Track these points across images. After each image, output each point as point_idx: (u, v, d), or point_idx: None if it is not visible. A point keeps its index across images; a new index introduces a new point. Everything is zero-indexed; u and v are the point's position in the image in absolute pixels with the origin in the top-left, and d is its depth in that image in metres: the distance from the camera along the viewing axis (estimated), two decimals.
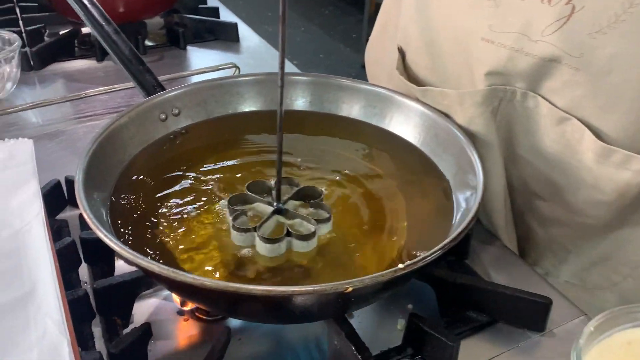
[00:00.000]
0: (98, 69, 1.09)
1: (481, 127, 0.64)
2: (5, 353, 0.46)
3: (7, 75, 0.93)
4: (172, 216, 0.58)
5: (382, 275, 0.42)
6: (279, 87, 0.47)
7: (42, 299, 0.51)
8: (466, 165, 0.59)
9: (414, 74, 0.73)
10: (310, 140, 0.70)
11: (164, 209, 0.58)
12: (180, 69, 1.06)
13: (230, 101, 0.71)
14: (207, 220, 0.57)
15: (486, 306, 0.57)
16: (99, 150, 0.58)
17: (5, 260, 0.55)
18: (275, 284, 0.50)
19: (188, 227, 0.56)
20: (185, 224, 0.57)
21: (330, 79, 0.73)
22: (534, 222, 0.71)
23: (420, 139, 0.67)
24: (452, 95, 0.65)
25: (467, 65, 0.64)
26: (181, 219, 0.57)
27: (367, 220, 0.58)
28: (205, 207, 0.59)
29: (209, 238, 0.55)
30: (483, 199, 0.52)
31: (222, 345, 0.49)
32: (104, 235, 0.45)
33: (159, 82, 0.69)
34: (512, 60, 0.60)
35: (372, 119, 0.72)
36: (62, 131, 0.88)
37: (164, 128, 0.67)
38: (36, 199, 0.62)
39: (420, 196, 0.62)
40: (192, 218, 0.57)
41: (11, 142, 0.71)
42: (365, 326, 0.58)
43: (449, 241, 0.47)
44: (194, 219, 0.57)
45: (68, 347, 0.46)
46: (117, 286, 0.54)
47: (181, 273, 0.42)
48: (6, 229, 0.59)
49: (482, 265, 0.65)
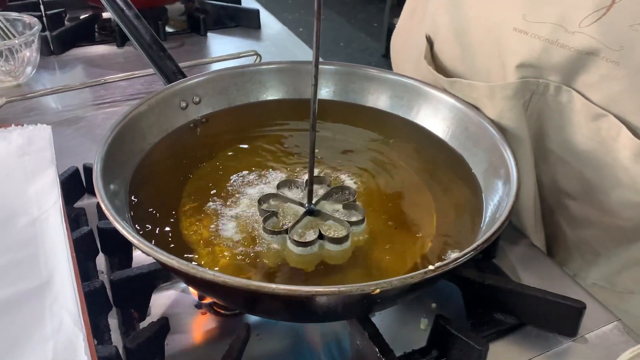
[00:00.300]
0: (118, 55, 1.08)
1: (512, 121, 0.61)
2: (20, 345, 0.45)
3: (27, 59, 0.92)
4: (193, 207, 0.56)
5: (411, 277, 0.40)
6: (313, 85, 0.45)
7: (58, 290, 0.50)
8: (498, 162, 0.57)
9: (441, 63, 0.70)
10: (333, 132, 0.68)
11: (185, 199, 0.57)
12: (201, 56, 1.04)
13: (252, 89, 0.69)
14: (231, 212, 0.56)
15: (515, 308, 0.54)
16: (117, 138, 0.56)
17: (22, 249, 0.54)
18: (300, 281, 0.48)
19: (210, 220, 0.55)
20: (207, 216, 0.55)
21: (355, 68, 0.70)
22: (563, 222, 0.68)
23: (449, 133, 0.65)
24: (481, 88, 0.62)
25: (498, 57, 0.62)
26: (203, 210, 0.55)
27: (393, 217, 0.56)
28: (228, 198, 0.57)
29: (232, 231, 0.53)
30: (518, 194, 0.50)
31: (241, 343, 0.47)
32: (121, 227, 0.44)
33: (180, 69, 0.67)
34: (546, 52, 0.57)
35: (399, 110, 0.69)
36: (81, 117, 0.87)
37: (184, 116, 0.66)
38: (54, 186, 0.61)
39: (448, 193, 0.59)
40: (214, 210, 0.56)
41: (30, 128, 0.71)
42: (387, 325, 0.56)
43: (482, 242, 0.44)
44: (216, 211, 0.56)
45: (84, 342, 0.45)
46: (134, 278, 0.53)
47: (201, 269, 0.40)
48: (24, 217, 0.58)
49: (510, 265, 0.62)
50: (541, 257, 0.64)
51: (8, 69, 0.91)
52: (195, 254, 0.51)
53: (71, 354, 0.44)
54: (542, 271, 0.62)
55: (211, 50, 1.12)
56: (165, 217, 0.55)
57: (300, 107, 0.69)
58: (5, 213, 0.58)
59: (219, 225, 0.54)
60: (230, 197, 0.57)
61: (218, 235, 0.53)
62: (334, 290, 0.39)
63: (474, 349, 0.48)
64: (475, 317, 0.55)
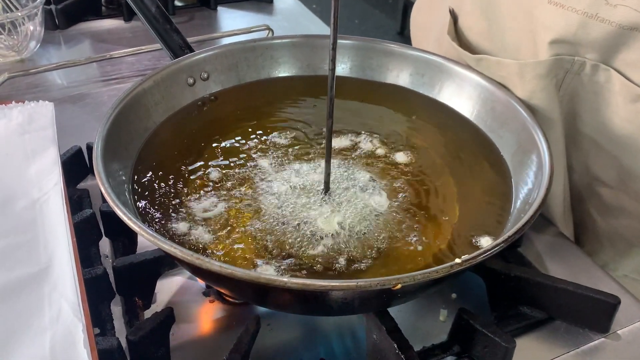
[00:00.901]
0: (125, 30, 1.04)
1: (543, 102, 0.57)
2: (17, 337, 0.43)
3: (30, 33, 0.88)
4: (200, 190, 0.53)
5: (436, 272, 0.37)
6: (330, 70, 0.41)
7: (57, 277, 0.47)
8: (528, 144, 0.53)
9: (466, 39, 0.66)
10: (349, 110, 0.64)
11: (191, 181, 0.53)
12: (211, 31, 1.00)
13: (263, 65, 0.65)
14: (240, 196, 0.52)
15: (543, 302, 0.51)
16: (120, 116, 0.53)
17: (21, 233, 0.52)
18: (316, 271, 0.44)
19: (218, 203, 0.51)
20: (215, 200, 0.52)
21: (374, 42, 0.66)
22: (594, 210, 0.64)
23: (474, 112, 0.60)
24: (511, 66, 0.57)
25: (529, 32, 0.57)
26: (210, 193, 0.52)
27: (414, 202, 0.52)
28: (237, 181, 0.54)
29: (241, 216, 0.50)
30: (551, 180, 0.46)
31: (250, 336, 0.44)
32: (122, 212, 0.41)
33: (188, 44, 0.64)
34: (584, 27, 0.52)
35: (420, 88, 0.65)
36: (86, 94, 0.84)
37: (192, 94, 0.62)
38: (55, 167, 0.58)
39: (473, 177, 0.56)
40: (223, 193, 0.52)
41: (31, 105, 0.67)
42: (404, 316, 0.52)
43: (513, 233, 0.41)
44: (225, 194, 0.52)
45: (83, 333, 0.42)
46: (138, 265, 0.50)
47: (207, 260, 0.37)
48: (23, 199, 0.55)
49: (536, 255, 0.59)
50: (570, 247, 0.60)
51: (11, 43, 0.87)
52: (203, 240, 0.47)
53: (70, 346, 0.42)
54: (570, 262, 0.58)
55: (221, 24, 1.08)
56: (172, 200, 0.51)
57: (315, 85, 0.65)
58: (4, 195, 0.55)
59: (229, 209, 0.51)
60: (240, 177, 0.54)
61: (226, 220, 0.49)
62: (352, 285, 0.36)
63: (499, 346, 0.45)
64: (500, 310, 0.52)
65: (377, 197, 0.52)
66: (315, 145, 0.59)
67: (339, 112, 0.62)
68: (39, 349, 0.41)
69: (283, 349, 0.50)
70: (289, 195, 0.51)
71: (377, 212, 0.50)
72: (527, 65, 0.56)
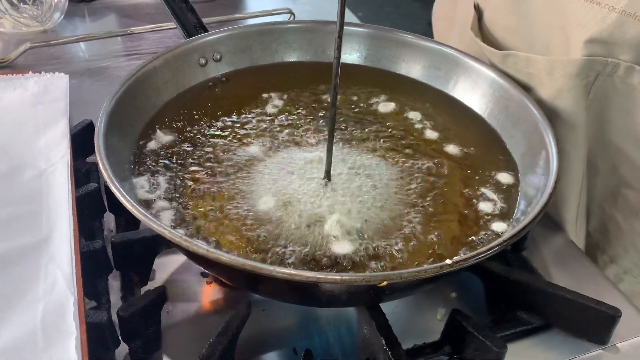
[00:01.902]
0: (150, 6, 1.04)
1: (569, 103, 0.55)
2: (11, 303, 0.43)
3: (54, 4, 0.89)
4: (204, 171, 0.52)
5: (424, 271, 0.36)
6: (335, 59, 0.40)
7: (55, 249, 0.48)
8: (538, 146, 0.51)
9: (490, 35, 0.64)
10: (361, 100, 0.63)
11: (196, 162, 0.53)
12: (233, 11, 1.00)
13: (277, 49, 0.65)
14: (244, 177, 0.52)
15: (542, 309, 0.50)
16: (128, 93, 0.53)
17: (26, 202, 0.52)
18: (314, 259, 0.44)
19: (221, 185, 0.51)
20: (219, 181, 0.51)
21: (390, 32, 0.65)
22: (617, 213, 0.62)
23: (487, 110, 0.59)
24: (540, 63, 0.56)
25: (561, 29, 0.55)
26: (215, 174, 0.52)
27: (418, 196, 0.51)
28: (242, 162, 0.53)
29: (243, 198, 0.50)
30: (556, 187, 0.45)
31: (239, 321, 0.44)
32: (115, 188, 0.41)
33: (202, 23, 0.63)
34: (621, 26, 0.50)
35: (435, 82, 0.64)
36: (105, 68, 0.84)
37: (203, 74, 0.62)
38: (64, 139, 0.59)
39: (481, 174, 0.54)
40: (227, 174, 0.52)
41: (47, 77, 0.68)
42: (401, 311, 0.52)
43: (509, 237, 0.40)
44: (229, 175, 0.52)
45: (74, 306, 0.43)
46: (136, 242, 0.50)
47: (195, 242, 0.37)
48: (31, 169, 0.56)
49: (541, 260, 0.57)
50: (578, 255, 0.59)
51: (35, 13, 0.88)
52: (202, 221, 0.47)
53: (60, 317, 0.42)
54: (577, 270, 0.56)
55: (246, 5, 1.07)
56: (173, 179, 0.51)
57: (328, 72, 0.64)
58: (12, 164, 0.56)
59: (232, 190, 0.50)
60: (245, 159, 0.54)
61: (227, 201, 0.49)
62: (337, 279, 0.35)
63: (490, 350, 0.44)
64: (497, 313, 0.51)
65: (381, 188, 0.51)
66: (320, 133, 0.58)
67: (351, 100, 0.62)
68: (31, 319, 0.42)
69: (276, 336, 0.49)
70: (289, 181, 0.51)
71: (380, 203, 0.50)
72: (557, 62, 0.54)
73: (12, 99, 0.64)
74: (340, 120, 0.59)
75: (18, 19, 0.88)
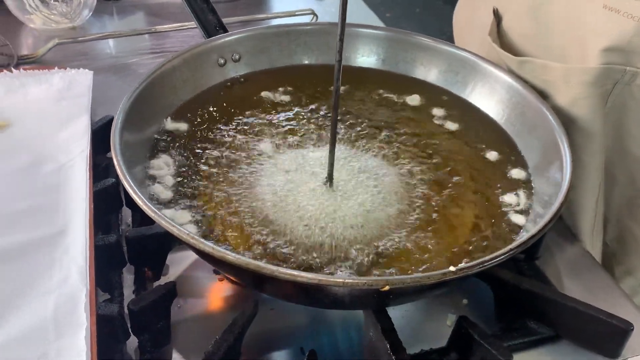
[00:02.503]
0: (176, 5, 1.06)
1: (585, 111, 0.54)
2: (25, 294, 0.45)
3: (83, 1, 0.91)
4: (219, 170, 0.53)
5: (428, 277, 0.36)
6: (337, 62, 0.41)
7: (70, 242, 0.49)
8: (553, 154, 0.50)
9: (509, 41, 0.63)
10: (377, 103, 0.63)
11: (210, 161, 0.54)
12: (255, 11, 1.00)
13: (296, 51, 0.65)
14: (255, 176, 0.53)
15: (552, 319, 0.49)
16: (146, 92, 0.54)
17: (44, 195, 0.54)
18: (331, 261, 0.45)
19: (234, 184, 0.52)
20: (233, 179, 0.52)
21: (409, 35, 0.64)
22: (634, 225, 0.61)
23: (504, 116, 0.58)
24: (557, 70, 0.55)
25: (578, 37, 0.54)
26: (228, 173, 0.53)
27: (430, 201, 0.51)
28: (254, 161, 0.54)
29: (255, 197, 0.50)
30: (567, 198, 0.44)
31: (245, 319, 0.45)
32: (128, 185, 0.42)
33: (222, 24, 0.64)
34: (639, 34, 0.49)
35: (452, 87, 0.63)
36: (129, 65, 0.86)
37: (221, 74, 0.63)
38: (85, 134, 0.60)
39: (494, 180, 0.54)
40: (240, 174, 0.53)
41: (72, 72, 0.70)
42: (410, 316, 0.52)
43: (515, 246, 0.39)
44: (242, 175, 0.53)
45: (86, 297, 0.44)
46: (149, 237, 0.51)
47: (201, 240, 0.38)
48: (51, 163, 0.58)
49: (554, 269, 0.56)
50: (593, 266, 0.58)
51: (65, 10, 0.90)
52: (215, 219, 0.48)
53: (71, 309, 0.43)
54: (591, 282, 0.55)
55: (269, 5, 1.08)
56: (187, 177, 0.52)
57: (346, 74, 0.64)
58: (33, 157, 0.58)
59: (245, 189, 0.51)
60: (258, 159, 0.54)
61: (240, 200, 0.50)
62: (339, 282, 0.36)
63: (496, 359, 0.44)
64: (506, 322, 0.51)
65: (392, 194, 0.51)
66: None
67: (368, 104, 0.62)
68: (43, 310, 0.43)
69: (284, 334, 0.50)
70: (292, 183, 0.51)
71: (391, 209, 0.50)
72: (574, 70, 0.54)
73: (38, 93, 0.66)
74: (357, 121, 0.59)
75: (48, 15, 0.90)
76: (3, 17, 0.92)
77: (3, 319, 0.43)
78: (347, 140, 0.57)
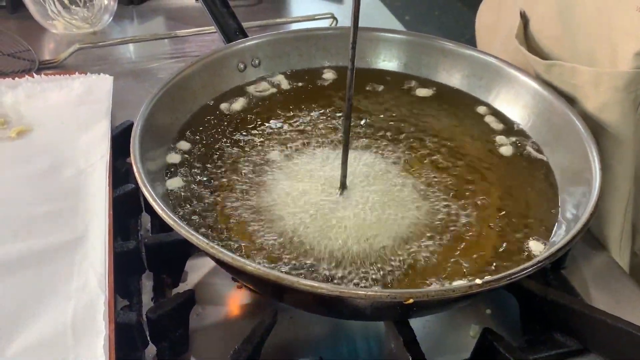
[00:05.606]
0: (196, 9, 1.06)
1: (616, 116, 0.53)
2: (43, 299, 0.45)
3: (104, 7, 0.92)
4: (238, 175, 0.53)
5: (452, 290, 0.35)
6: (349, 70, 0.40)
7: (89, 247, 0.49)
8: (581, 162, 0.49)
9: (536, 44, 0.62)
10: (399, 107, 0.62)
11: (230, 165, 0.54)
12: (276, 15, 1.00)
13: (315, 55, 0.64)
14: (275, 181, 0.52)
15: (579, 332, 0.47)
16: (166, 97, 0.54)
17: (63, 200, 0.54)
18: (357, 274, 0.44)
19: (255, 189, 0.51)
20: (253, 184, 0.52)
21: (431, 40, 0.63)
22: None
23: (529, 122, 0.57)
24: (586, 74, 0.53)
25: (608, 40, 0.53)
26: (248, 178, 0.52)
27: (453, 209, 0.50)
28: (275, 166, 0.53)
29: (276, 203, 0.50)
30: (597, 208, 0.42)
31: (264, 329, 0.44)
32: (148, 193, 0.41)
33: (242, 29, 0.64)
34: None
35: (476, 91, 0.62)
36: (149, 70, 0.86)
37: (241, 79, 0.62)
38: (104, 139, 0.60)
39: (519, 188, 0.53)
40: (260, 179, 0.52)
41: (92, 77, 0.70)
42: (432, 327, 0.50)
43: (545, 258, 0.38)
44: (263, 180, 0.52)
45: (104, 305, 0.44)
46: (168, 244, 0.51)
47: (220, 249, 0.37)
48: (71, 168, 0.58)
49: (581, 280, 0.55)
50: (621, 276, 0.56)
51: (86, 15, 0.91)
52: (235, 226, 0.48)
53: (90, 316, 0.43)
54: (619, 292, 0.54)
55: (291, 10, 1.08)
56: (206, 183, 0.52)
57: (365, 79, 0.63)
58: (53, 162, 0.58)
59: (265, 194, 0.50)
60: (278, 163, 0.54)
61: (261, 205, 0.49)
62: (361, 294, 0.35)
63: None
64: (532, 334, 0.49)
65: (415, 202, 0.50)
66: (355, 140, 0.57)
67: (390, 108, 0.61)
68: (62, 315, 0.43)
69: (303, 344, 0.49)
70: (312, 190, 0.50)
71: (416, 215, 0.49)
72: (605, 74, 0.52)
73: (58, 99, 0.66)
74: (376, 126, 0.58)
75: (70, 20, 0.91)
76: (26, 23, 0.93)
77: (21, 325, 0.43)
78: (364, 147, 0.57)
